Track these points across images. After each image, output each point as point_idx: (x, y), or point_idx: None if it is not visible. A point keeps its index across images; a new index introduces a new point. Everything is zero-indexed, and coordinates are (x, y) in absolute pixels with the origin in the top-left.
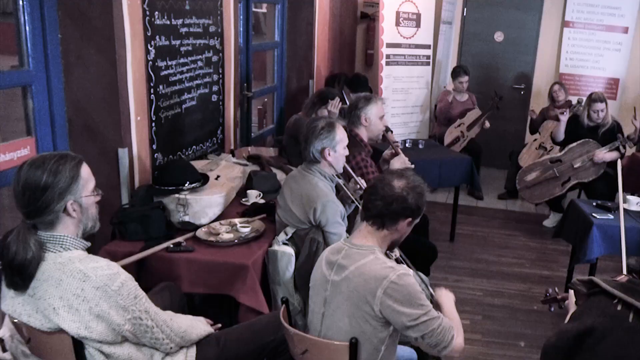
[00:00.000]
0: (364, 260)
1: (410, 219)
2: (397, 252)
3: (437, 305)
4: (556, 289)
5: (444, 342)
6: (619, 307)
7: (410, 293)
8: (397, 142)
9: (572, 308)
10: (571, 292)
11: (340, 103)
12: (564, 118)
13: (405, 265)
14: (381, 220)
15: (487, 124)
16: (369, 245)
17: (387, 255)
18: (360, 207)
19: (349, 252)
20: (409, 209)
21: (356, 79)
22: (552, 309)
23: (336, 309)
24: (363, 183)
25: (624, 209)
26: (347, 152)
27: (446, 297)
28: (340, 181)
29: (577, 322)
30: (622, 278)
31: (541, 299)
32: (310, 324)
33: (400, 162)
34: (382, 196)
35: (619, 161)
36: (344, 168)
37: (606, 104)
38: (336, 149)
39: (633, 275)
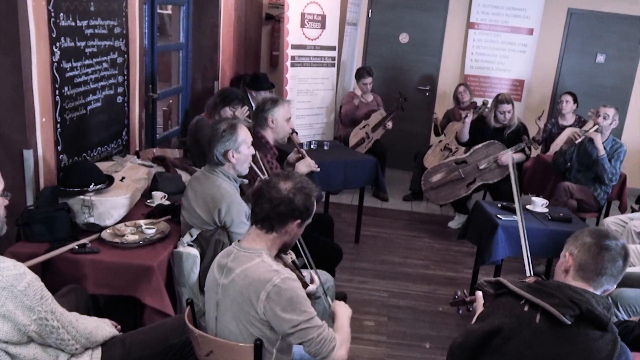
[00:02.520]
0: (249, 264)
1: (299, 221)
2: (292, 255)
3: (331, 317)
4: (465, 291)
5: (323, 352)
6: (525, 308)
7: (292, 298)
8: (302, 143)
9: (480, 310)
10: (479, 293)
11: (248, 111)
12: (468, 120)
13: (290, 270)
14: (269, 224)
15: (390, 125)
16: (257, 248)
17: (280, 257)
18: None
19: (237, 255)
20: (297, 211)
21: (255, 77)
22: (461, 311)
23: (225, 312)
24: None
25: (529, 210)
26: (252, 152)
27: (342, 311)
28: (245, 181)
29: (484, 323)
30: (530, 279)
31: (450, 301)
32: (206, 326)
33: (305, 165)
34: (269, 199)
35: (511, 166)
36: (250, 167)
37: (513, 105)
38: (239, 150)
39: (542, 277)
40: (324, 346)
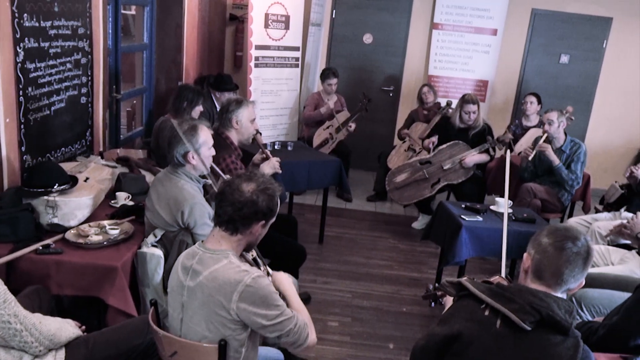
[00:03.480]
0: (217, 266)
1: (263, 222)
2: (253, 252)
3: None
4: (437, 284)
5: (300, 340)
6: (486, 313)
7: (265, 295)
8: (266, 144)
9: (449, 305)
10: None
11: (200, 111)
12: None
13: (256, 268)
14: (234, 226)
15: (352, 127)
16: (223, 249)
17: (242, 256)
18: None
19: (203, 257)
20: (260, 213)
21: (219, 78)
22: (433, 304)
23: (193, 314)
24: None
25: (493, 211)
26: (213, 152)
27: (286, 285)
28: (208, 181)
29: (445, 326)
30: (495, 279)
31: (422, 295)
32: (170, 328)
33: (270, 166)
34: (232, 202)
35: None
36: (212, 168)
37: (478, 106)
38: (200, 151)
39: (508, 278)
40: (302, 334)
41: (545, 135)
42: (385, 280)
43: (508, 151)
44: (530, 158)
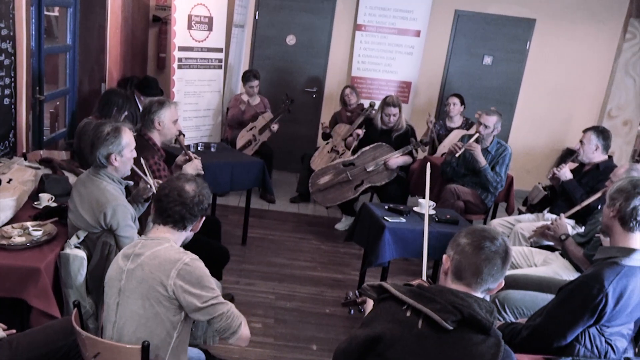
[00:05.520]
0: (159, 247)
1: (204, 217)
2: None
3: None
4: (356, 291)
5: (233, 327)
6: (408, 313)
7: (201, 276)
8: (189, 145)
9: (370, 309)
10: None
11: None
12: (359, 135)
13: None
14: (183, 224)
15: (275, 127)
16: (165, 237)
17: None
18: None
19: (145, 243)
20: (204, 209)
21: (146, 81)
22: (352, 312)
23: (131, 294)
24: (150, 181)
25: (417, 212)
26: (134, 155)
27: None
28: (130, 183)
29: (367, 328)
30: (417, 282)
31: (341, 302)
32: (105, 320)
33: (192, 167)
34: (182, 202)
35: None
36: (132, 169)
37: (400, 109)
38: (122, 153)
39: (429, 280)
40: (234, 320)
41: (477, 135)
42: (308, 281)
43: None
44: (457, 155)
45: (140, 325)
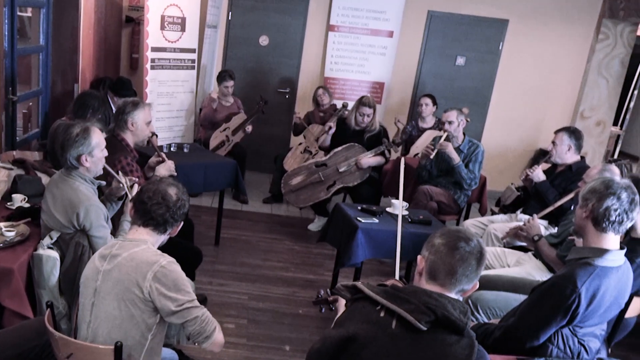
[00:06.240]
0: (136, 249)
1: (182, 222)
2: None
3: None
4: (328, 290)
5: (207, 331)
6: (382, 314)
7: (177, 279)
8: (162, 146)
9: (342, 309)
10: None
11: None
12: (331, 131)
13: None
14: (164, 227)
15: (249, 128)
16: (143, 239)
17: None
18: (129, 206)
19: (123, 244)
20: (184, 214)
21: (120, 82)
22: (323, 310)
23: (106, 294)
24: (123, 180)
25: (389, 213)
26: (105, 154)
27: None
28: (103, 183)
29: (341, 328)
30: (390, 282)
31: (312, 300)
32: (79, 319)
33: (165, 168)
34: (166, 205)
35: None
36: (104, 169)
37: (374, 110)
38: (93, 153)
39: (403, 280)
40: (208, 325)
41: (446, 134)
42: (281, 282)
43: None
44: (431, 157)
45: (115, 326)
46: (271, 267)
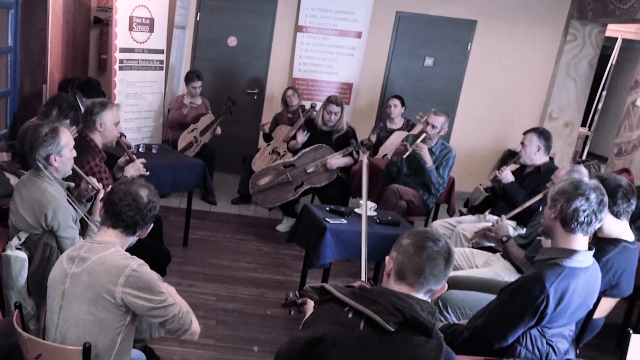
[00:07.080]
0: (105, 252)
1: (152, 224)
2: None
3: None
4: (297, 292)
5: (185, 326)
6: (350, 315)
7: (150, 281)
8: (131, 147)
9: (310, 311)
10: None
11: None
12: (301, 139)
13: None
14: (134, 229)
15: (219, 130)
16: (111, 241)
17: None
18: (98, 207)
19: (91, 246)
20: (154, 216)
21: (89, 83)
22: (292, 312)
23: (75, 299)
24: (95, 183)
25: (357, 214)
26: (74, 154)
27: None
28: (71, 184)
29: (309, 330)
30: (358, 284)
31: (281, 303)
32: (47, 321)
33: (134, 168)
34: (136, 207)
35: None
36: (73, 169)
37: (342, 109)
38: (62, 153)
39: (371, 282)
40: (186, 320)
41: (424, 135)
42: (249, 283)
43: (366, 155)
44: (405, 156)
45: (85, 330)
46: (240, 267)
